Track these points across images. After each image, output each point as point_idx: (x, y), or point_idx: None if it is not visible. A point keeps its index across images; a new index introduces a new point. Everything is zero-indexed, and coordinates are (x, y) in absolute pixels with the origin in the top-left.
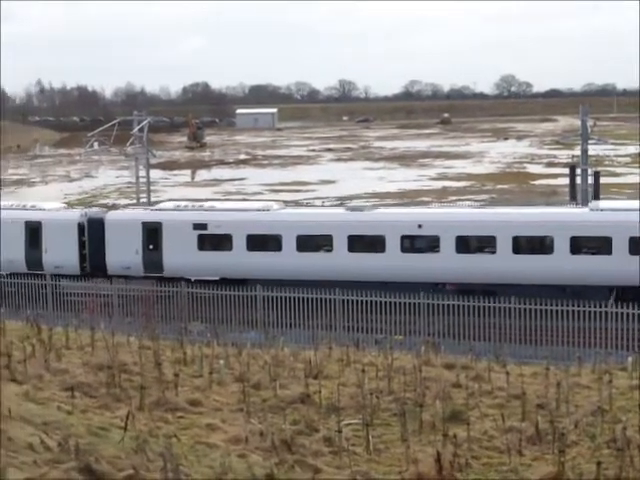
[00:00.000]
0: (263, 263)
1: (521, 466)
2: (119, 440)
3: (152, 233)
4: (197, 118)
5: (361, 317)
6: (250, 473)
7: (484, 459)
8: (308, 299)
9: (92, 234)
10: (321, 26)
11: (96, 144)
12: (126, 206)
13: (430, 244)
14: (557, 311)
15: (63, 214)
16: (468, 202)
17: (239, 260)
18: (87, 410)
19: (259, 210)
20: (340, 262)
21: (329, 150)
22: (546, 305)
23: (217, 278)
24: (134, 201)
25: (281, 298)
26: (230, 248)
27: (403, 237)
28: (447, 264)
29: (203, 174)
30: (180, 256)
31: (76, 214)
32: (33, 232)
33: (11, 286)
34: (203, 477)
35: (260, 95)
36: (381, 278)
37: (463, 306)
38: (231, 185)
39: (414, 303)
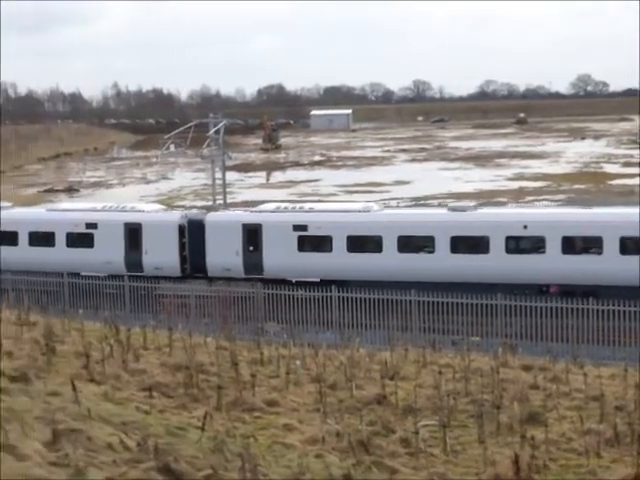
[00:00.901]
0: (363, 264)
1: (599, 468)
2: (197, 440)
3: (252, 234)
4: (272, 120)
5: (437, 318)
6: (327, 473)
7: (562, 461)
8: (384, 300)
9: (192, 235)
10: (396, 26)
11: (172, 146)
12: (225, 207)
13: (535, 245)
14: (635, 312)
15: (163, 216)
16: (545, 202)
17: (339, 261)
18: (165, 410)
19: (360, 211)
20: (442, 263)
21: (404, 151)
22: (624, 306)
23: (317, 279)
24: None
25: (357, 299)
26: (330, 249)
27: (508, 238)
28: (553, 265)
29: (278, 176)
30: (280, 257)
31: (176, 215)
32: (133, 234)
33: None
34: (281, 477)
35: (335, 96)
36: (485, 280)
37: (540, 307)
38: (306, 186)
39: (491, 304)
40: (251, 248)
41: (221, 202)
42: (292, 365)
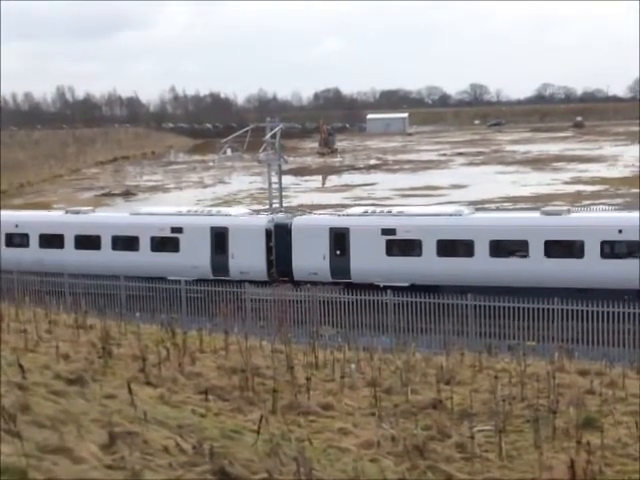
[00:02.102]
0: (454, 269)
1: None
2: (252, 443)
3: (340, 238)
4: (328, 124)
5: (493, 323)
6: (382, 477)
7: (618, 466)
8: (440, 304)
9: (279, 239)
10: (452, 30)
11: (229, 150)
12: (311, 211)
13: (631, 250)
14: None
15: (250, 220)
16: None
17: (429, 266)
18: (220, 413)
19: (450, 215)
20: (536, 268)
21: (460, 154)
22: None
23: (406, 284)
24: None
25: (412, 303)
26: (420, 254)
27: (603, 242)
28: None
29: (334, 179)
30: (368, 262)
31: (263, 220)
32: (219, 238)
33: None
34: None
35: (391, 100)
36: (579, 285)
37: (597, 312)
38: (362, 190)
39: (547, 309)
40: (338, 252)
41: (277, 206)
42: (347, 369)
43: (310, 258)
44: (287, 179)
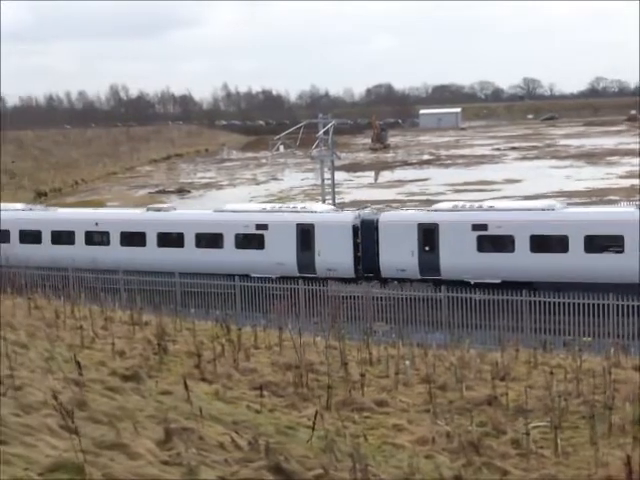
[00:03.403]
0: (548, 265)
1: None
2: (307, 439)
3: (428, 234)
4: (380, 119)
5: (548, 319)
6: (438, 474)
7: None
8: (494, 300)
9: (365, 236)
10: (504, 23)
11: (282, 147)
12: (398, 207)
13: None
14: None
15: (337, 216)
16: None
17: (522, 262)
18: (275, 409)
19: (543, 209)
20: (633, 264)
21: (514, 149)
22: None
23: (498, 281)
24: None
25: (466, 299)
26: (512, 249)
27: None
28: None
29: (386, 175)
30: (458, 258)
31: (350, 216)
32: (305, 235)
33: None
34: (391, 478)
35: (443, 95)
36: None
37: None
38: (414, 186)
39: (603, 304)
40: (427, 248)
41: (330, 202)
42: (401, 365)
43: (398, 254)
44: (339, 175)
